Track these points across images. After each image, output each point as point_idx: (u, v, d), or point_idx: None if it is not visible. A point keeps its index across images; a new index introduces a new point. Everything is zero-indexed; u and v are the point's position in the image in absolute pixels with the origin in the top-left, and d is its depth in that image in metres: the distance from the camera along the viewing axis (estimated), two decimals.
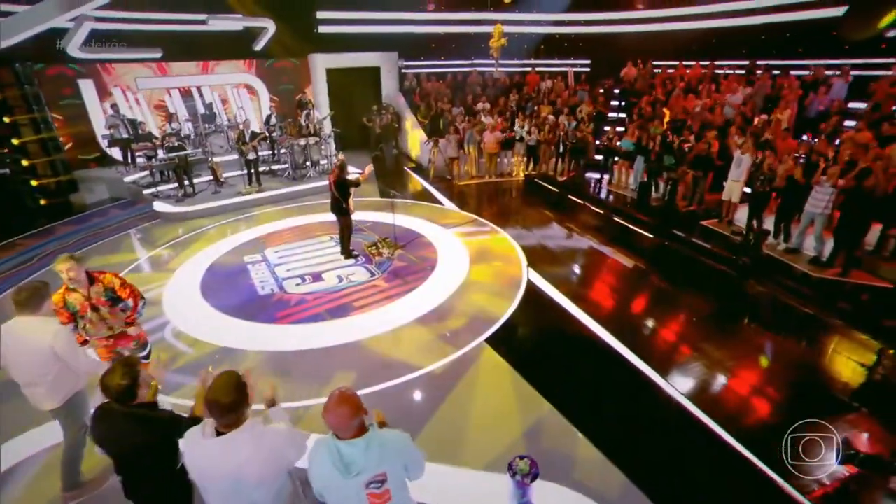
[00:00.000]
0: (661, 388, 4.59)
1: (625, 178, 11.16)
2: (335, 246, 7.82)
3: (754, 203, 8.38)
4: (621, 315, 6.03)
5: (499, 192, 11.21)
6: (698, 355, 5.13)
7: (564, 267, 7.35)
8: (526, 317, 5.88)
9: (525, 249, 7.78)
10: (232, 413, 2.05)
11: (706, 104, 11.16)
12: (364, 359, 5.12)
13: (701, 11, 13.80)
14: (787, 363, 5.16)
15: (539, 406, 4.35)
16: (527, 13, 15.84)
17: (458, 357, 5.10)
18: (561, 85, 14.13)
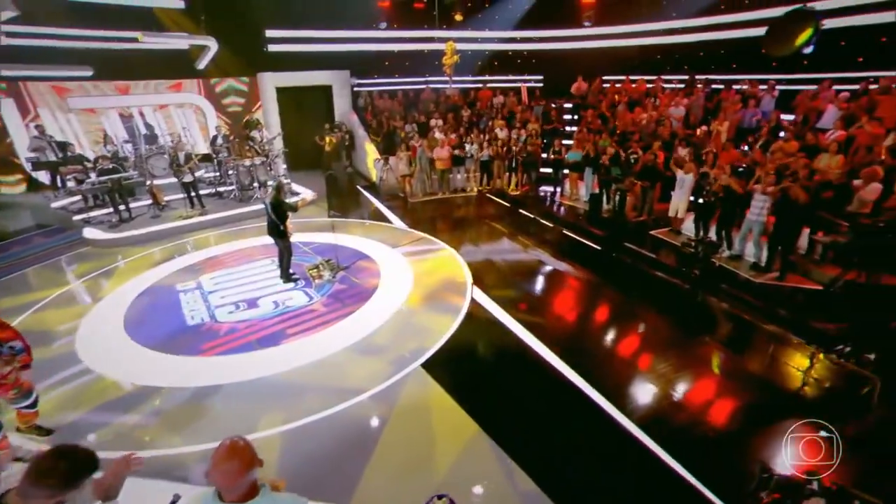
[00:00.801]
0: (605, 411, 4.43)
1: (577, 190, 11.25)
2: (276, 269, 7.48)
3: (700, 213, 8.58)
4: (565, 333, 5.92)
5: (450, 209, 11.12)
6: (644, 374, 5.04)
7: (510, 284, 7.24)
8: (466, 338, 5.69)
9: (472, 266, 7.64)
10: None
11: (652, 117, 11.44)
12: (290, 391, 4.81)
13: (645, 29, 14.31)
14: (736, 378, 5.12)
15: (473, 435, 4.14)
16: (479, 31, 16.05)
17: (390, 384, 4.85)
18: (513, 100, 14.29)
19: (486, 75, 16.61)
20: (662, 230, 9.32)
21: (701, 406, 4.55)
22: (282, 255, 7.24)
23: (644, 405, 4.52)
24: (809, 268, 7.30)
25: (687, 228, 9.05)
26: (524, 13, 15.65)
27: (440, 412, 4.43)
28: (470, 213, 10.80)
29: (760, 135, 9.49)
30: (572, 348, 5.41)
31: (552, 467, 3.82)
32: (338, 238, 8.73)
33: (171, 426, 4.35)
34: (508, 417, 4.37)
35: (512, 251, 8.61)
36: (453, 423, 4.28)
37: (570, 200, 11.27)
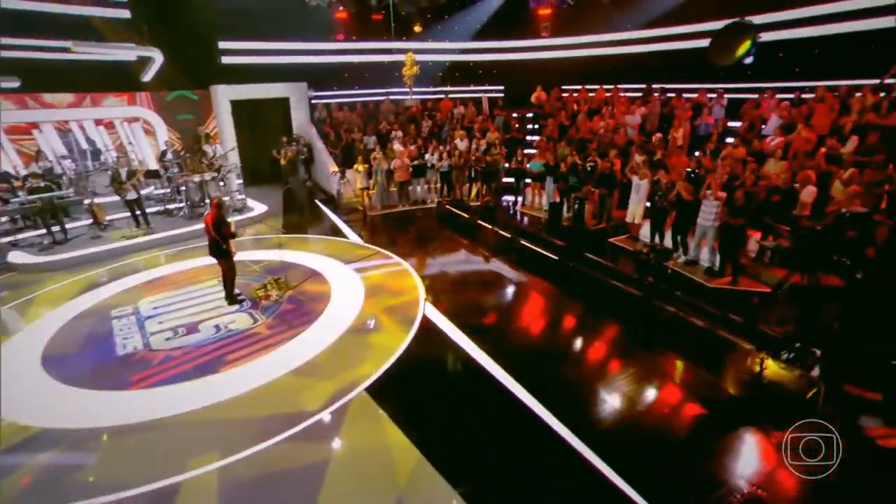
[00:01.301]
0: (557, 434, 4.23)
1: (537, 199, 11.24)
2: (223, 291, 7.09)
3: (654, 219, 8.63)
4: (518, 348, 5.75)
5: (409, 222, 10.93)
6: (597, 389, 4.90)
7: (463, 298, 7.06)
8: (415, 358, 5.45)
9: (426, 280, 7.44)
10: None
11: (609, 125, 11.58)
12: (225, 423, 4.45)
13: (600, 40, 14.57)
14: (688, 387, 5.04)
15: (417, 467, 3.88)
16: (438, 42, 16.05)
17: (333, 412, 4.55)
18: (473, 110, 14.28)
19: (448, 86, 16.59)
20: (621, 237, 9.34)
21: (654, 418, 4.43)
22: (225, 276, 6.87)
23: (597, 423, 4.37)
24: (760, 271, 7.39)
25: (644, 234, 9.09)
26: (483, 24, 15.75)
27: (384, 442, 4.16)
28: (428, 225, 10.62)
29: (711, 141, 9.70)
30: (524, 365, 5.24)
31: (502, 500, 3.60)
32: (289, 255, 8.40)
33: (83, 473, 3.94)
34: (456, 445, 4.13)
35: (468, 263, 8.46)
36: (398, 455, 4.02)
37: (532, 210, 11.24)
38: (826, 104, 8.81)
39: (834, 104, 8.77)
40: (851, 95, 8.96)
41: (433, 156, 11.79)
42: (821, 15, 10.30)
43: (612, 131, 11.28)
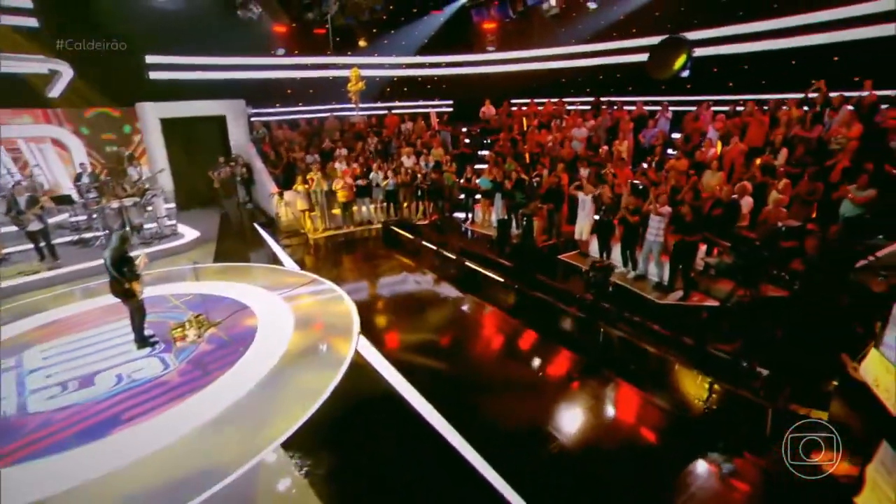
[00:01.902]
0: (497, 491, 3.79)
1: (488, 216, 10.96)
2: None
3: (601, 235, 8.48)
4: (458, 387, 5.29)
5: (351, 245, 10.40)
6: (539, 426, 4.50)
7: (403, 328, 6.59)
8: (344, 403, 4.90)
9: (363, 309, 6.91)
10: None
11: (556, 139, 11.51)
12: (111, 501, 3.74)
13: (546, 54, 14.72)
14: (632, 414, 4.72)
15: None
16: (384, 56, 15.72)
17: (242, 474, 3.93)
18: (422, 126, 13.97)
19: (396, 101, 16.26)
20: (571, 253, 9.15)
21: (599, 456, 4.06)
22: (133, 317, 6.09)
23: (541, 470, 3.95)
24: (709, 284, 7.31)
25: (594, 250, 8.93)
26: (429, 38, 15.58)
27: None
28: (372, 248, 10.13)
29: (655, 154, 9.74)
30: (462, 404, 4.80)
31: None
32: (216, 287, 7.68)
33: None
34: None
35: (409, 288, 8.01)
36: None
37: (481, 227, 10.95)
38: (756, 118, 9.01)
39: (763, 118, 8.99)
40: (779, 109, 9.23)
41: (378, 174, 11.32)
42: (748, 33, 10.77)
43: (559, 145, 11.21)
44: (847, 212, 6.77)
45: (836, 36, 9.53)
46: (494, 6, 11.13)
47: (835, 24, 9.48)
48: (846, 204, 6.79)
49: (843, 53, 9.62)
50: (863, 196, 6.63)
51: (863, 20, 9.11)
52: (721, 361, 5.24)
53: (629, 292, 7.51)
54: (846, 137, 7.72)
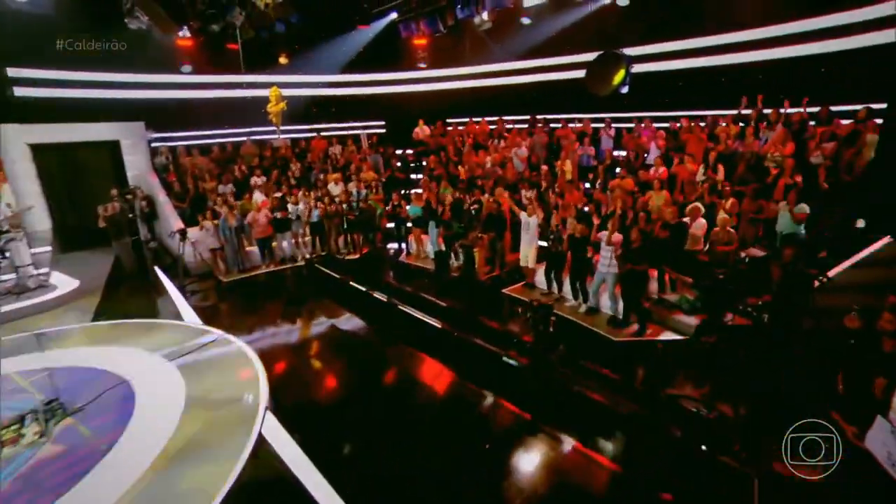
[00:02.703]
0: None
1: (422, 247, 10.18)
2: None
3: (548, 264, 7.91)
4: (387, 478, 4.35)
5: (270, 288, 9.26)
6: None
7: (322, 395, 5.57)
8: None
9: (274, 375, 5.82)
10: None
11: (495, 159, 11.02)
12: None
13: (483, 70, 14.39)
14: (587, 481, 3.97)
15: None
16: (309, 74, 14.77)
17: None
18: (351, 149, 13.08)
19: (323, 122, 15.32)
20: (517, 285, 8.53)
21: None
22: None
23: None
24: (665, 315, 6.88)
25: (541, 280, 8.36)
26: (357, 55, 14.85)
27: None
28: (293, 290, 9.08)
29: (598, 173, 9.44)
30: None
31: None
32: (83, 356, 6.28)
33: None
34: None
35: (334, 339, 7.03)
36: None
37: (417, 260, 10.15)
38: (694, 135, 8.95)
39: (701, 134, 8.93)
40: (717, 125, 9.24)
41: (300, 205, 10.25)
42: (681, 50, 10.91)
43: (499, 166, 10.71)
44: (784, 228, 6.66)
45: (765, 54, 9.75)
46: (423, 21, 10.56)
47: (763, 43, 9.70)
48: (782, 220, 6.65)
49: (769, 71, 9.87)
50: (801, 212, 6.48)
51: (790, 39, 9.34)
52: (690, 415, 4.68)
53: (580, 329, 6.95)
54: (782, 155, 7.69)
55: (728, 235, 6.58)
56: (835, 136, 7.38)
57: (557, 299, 7.91)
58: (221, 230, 9.45)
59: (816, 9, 8.98)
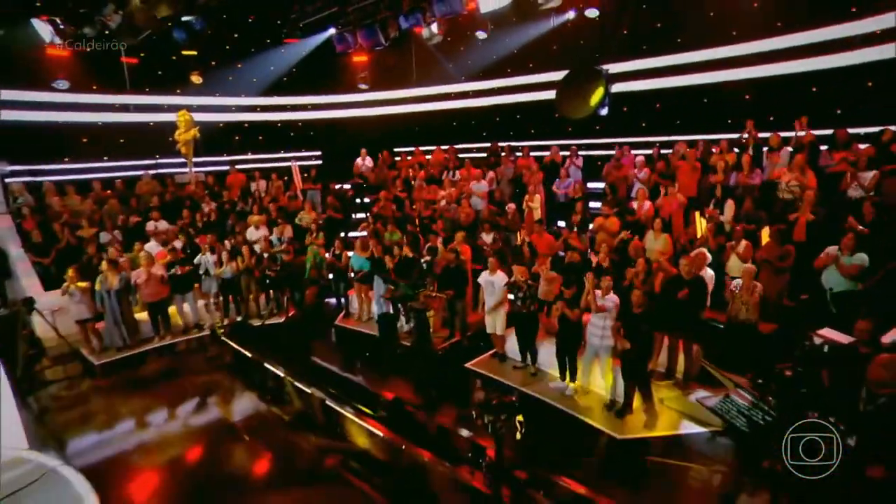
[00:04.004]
0: None
1: (367, 307, 8.62)
2: None
3: (521, 331, 6.52)
4: None
5: (158, 372, 7.37)
6: None
7: None
8: None
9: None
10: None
11: (451, 195, 9.75)
12: None
13: (436, 92, 13.48)
14: None
15: None
16: (230, 96, 13.22)
17: None
18: (278, 185, 11.49)
19: (249, 153, 13.74)
20: (483, 357, 7.13)
21: None
22: None
23: None
24: (680, 396, 5.63)
25: (513, 350, 6.97)
26: (287, 74, 13.49)
27: None
28: (191, 373, 7.21)
29: (575, 211, 8.32)
30: None
31: None
32: None
33: None
34: None
35: (232, 458, 5.26)
36: None
37: (359, 322, 8.56)
38: (688, 163, 8.04)
39: (696, 163, 8.04)
40: (709, 152, 8.42)
41: (208, 256, 8.48)
42: (658, 67, 10.31)
43: (455, 203, 9.45)
44: (836, 285, 5.59)
45: (753, 72, 9.19)
46: (361, 32, 9.34)
47: (750, 59, 9.15)
48: (832, 275, 5.57)
49: (758, 91, 9.31)
50: (854, 264, 5.44)
51: (779, 55, 8.81)
52: None
53: (569, 420, 5.55)
54: (800, 184, 6.78)
55: (754, 293, 5.45)
56: (874, 161, 6.49)
57: (534, 374, 6.56)
58: (98, 294, 7.53)
59: (808, 22, 8.47)
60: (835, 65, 8.19)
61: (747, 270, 5.57)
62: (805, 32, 8.51)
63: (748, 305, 5.44)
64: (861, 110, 8.07)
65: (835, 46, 8.24)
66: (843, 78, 8.19)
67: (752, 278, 5.51)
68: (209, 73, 12.49)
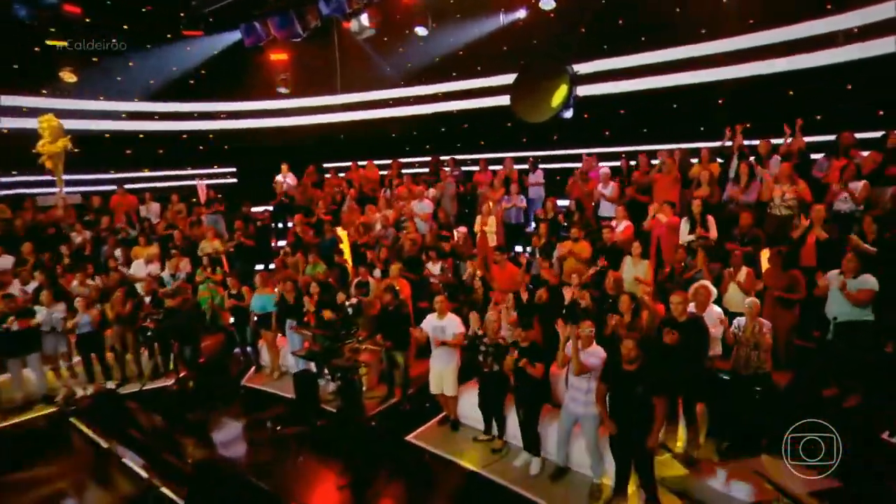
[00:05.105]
0: None
1: (279, 359, 7.16)
2: None
3: (485, 393, 5.33)
4: None
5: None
6: None
7: None
8: None
9: None
10: None
11: (388, 218, 8.54)
12: None
13: (366, 99, 12.67)
14: None
15: None
16: (119, 100, 11.51)
17: None
18: (178, 208, 9.86)
19: (145, 170, 12.05)
20: (429, 424, 5.86)
21: None
22: None
23: None
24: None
25: (468, 416, 5.72)
26: (192, 77, 12.07)
27: None
28: (21, 469, 5.42)
29: (539, 233, 7.34)
30: None
31: None
32: None
33: None
34: None
35: None
36: None
37: (270, 378, 7.06)
38: (669, 175, 7.26)
39: (677, 174, 7.27)
40: (688, 162, 7.73)
41: (53, 309, 6.70)
42: (621, 68, 9.72)
43: (392, 227, 8.26)
44: (841, 314, 4.94)
45: (724, 73, 8.72)
46: (274, 21, 8.05)
47: (722, 59, 8.69)
48: (837, 302, 4.92)
49: (733, 95, 8.88)
50: (864, 289, 4.82)
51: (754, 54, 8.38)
52: None
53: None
54: (797, 198, 6.07)
55: (763, 334, 4.50)
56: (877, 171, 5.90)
57: (498, 451, 5.31)
58: None
59: (783, 18, 8.04)
60: (814, 64, 7.79)
61: (751, 306, 4.64)
62: (780, 29, 8.12)
63: (758, 351, 4.49)
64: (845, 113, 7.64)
65: (812, 44, 7.84)
66: (825, 79, 7.78)
67: (758, 314, 4.59)
68: (89, 70, 10.79)
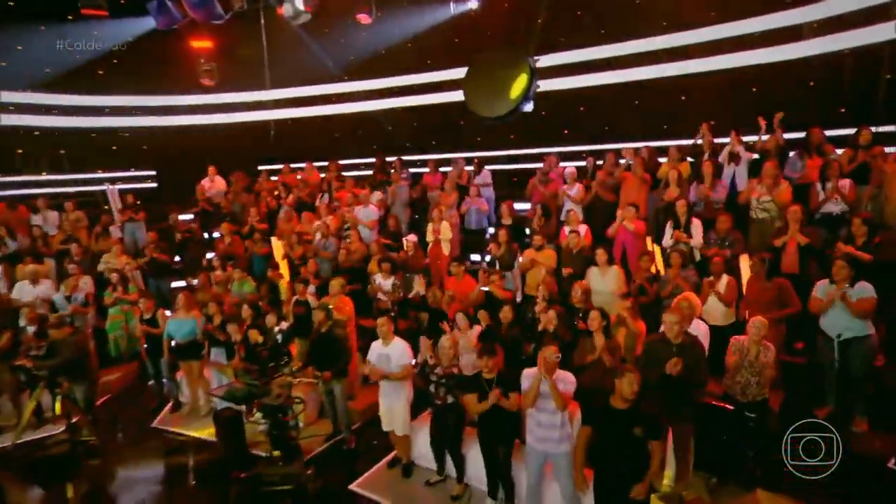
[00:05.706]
0: None
1: (202, 397, 6.26)
2: None
3: (438, 430, 4.79)
4: None
5: None
6: None
7: None
8: None
9: None
10: None
11: (329, 227, 7.81)
12: None
13: (311, 94, 12.21)
14: None
15: None
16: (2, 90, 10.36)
17: None
18: (76, 216, 8.74)
19: (43, 174, 10.99)
20: (380, 465, 5.20)
21: None
22: None
23: None
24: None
25: (422, 457, 5.10)
26: (99, 65, 10.96)
27: None
28: None
29: (499, 241, 6.84)
30: None
31: None
32: None
33: None
34: None
35: None
36: None
37: (188, 421, 6.16)
38: (636, 175, 6.92)
39: (646, 175, 6.95)
40: (655, 162, 7.49)
41: None
42: (580, 62, 9.63)
43: (333, 236, 7.57)
44: (846, 330, 4.54)
45: (688, 67, 8.70)
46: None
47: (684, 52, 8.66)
48: (839, 316, 4.53)
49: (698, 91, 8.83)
50: (867, 297, 4.47)
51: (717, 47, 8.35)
52: None
53: None
54: (774, 200, 5.83)
55: (769, 358, 4.04)
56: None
57: (457, 498, 4.71)
58: None
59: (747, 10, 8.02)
60: (781, 58, 7.80)
61: (758, 324, 4.13)
62: (744, 21, 8.09)
63: (759, 378, 4.02)
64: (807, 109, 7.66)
65: (778, 37, 7.84)
66: (790, 74, 7.84)
67: (763, 335, 4.10)
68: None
